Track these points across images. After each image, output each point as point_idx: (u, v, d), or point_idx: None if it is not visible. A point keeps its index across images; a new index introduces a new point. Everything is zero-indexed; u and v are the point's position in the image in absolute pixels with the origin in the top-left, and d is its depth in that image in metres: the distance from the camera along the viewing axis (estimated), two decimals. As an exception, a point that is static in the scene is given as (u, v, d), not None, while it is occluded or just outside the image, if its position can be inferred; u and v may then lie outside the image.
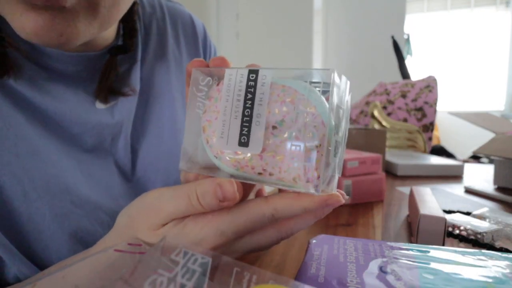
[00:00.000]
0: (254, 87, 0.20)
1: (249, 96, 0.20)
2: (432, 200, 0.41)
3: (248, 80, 0.20)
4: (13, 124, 0.28)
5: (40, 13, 0.24)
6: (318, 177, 0.19)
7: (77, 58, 0.32)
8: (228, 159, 0.21)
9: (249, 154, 0.20)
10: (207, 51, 0.52)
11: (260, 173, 0.21)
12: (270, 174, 0.21)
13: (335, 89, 0.19)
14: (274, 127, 0.20)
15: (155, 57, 0.43)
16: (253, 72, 0.21)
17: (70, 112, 0.32)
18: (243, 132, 0.20)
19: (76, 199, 0.31)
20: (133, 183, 0.38)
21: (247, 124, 0.20)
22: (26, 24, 0.24)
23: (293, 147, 0.19)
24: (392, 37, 2.10)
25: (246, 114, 0.20)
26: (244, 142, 0.20)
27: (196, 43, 0.50)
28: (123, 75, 0.38)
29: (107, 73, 0.35)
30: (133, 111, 0.39)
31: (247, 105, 0.20)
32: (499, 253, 0.22)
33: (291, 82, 0.21)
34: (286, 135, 0.19)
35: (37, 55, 0.31)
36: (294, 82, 0.21)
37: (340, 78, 0.20)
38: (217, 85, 0.23)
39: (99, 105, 0.35)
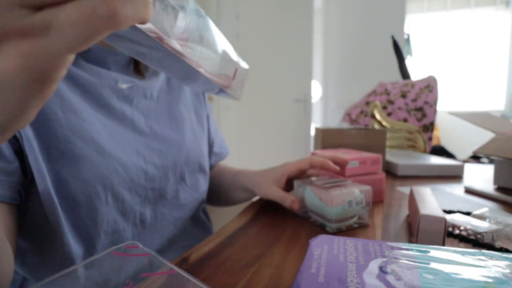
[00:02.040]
0: None
1: None
2: (432, 200, 0.41)
3: None
4: (59, 89, 0.38)
5: None
6: None
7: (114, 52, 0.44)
8: None
9: None
10: None
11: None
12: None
13: None
14: None
15: None
16: None
17: (99, 84, 0.42)
18: None
19: (99, 148, 0.40)
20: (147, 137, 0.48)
21: None
22: None
23: None
24: (392, 37, 2.10)
25: None
26: None
27: None
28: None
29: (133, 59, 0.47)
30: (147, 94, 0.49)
31: None
32: (499, 253, 0.22)
33: None
34: None
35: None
36: None
37: None
38: None
39: (120, 85, 0.45)
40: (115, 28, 0.13)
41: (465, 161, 1.18)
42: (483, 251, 0.22)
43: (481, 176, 0.76)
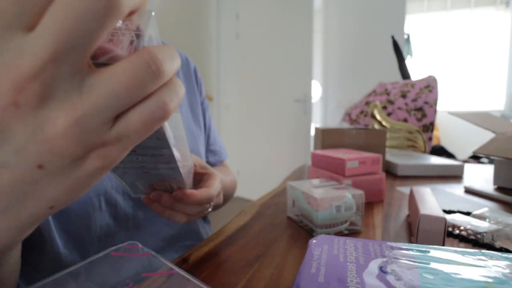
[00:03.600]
0: None
1: None
2: (432, 200, 0.41)
3: None
4: None
5: None
6: None
7: None
8: None
9: None
10: (199, 86, 0.66)
11: None
12: None
13: None
14: None
15: None
16: None
17: None
18: None
19: None
20: None
21: None
22: None
23: None
24: (392, 37, 2.10)
25: None
26: None
27: (191, 78, 0.63)
28: None
29: None
30: None
31: None
32: (499, 253, 0.22)
33: None
34: None
35: None
36: None
37: None
38: None
39: None
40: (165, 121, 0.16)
41: (465, 161, 1.18)
42: (483, 251, 0.22)
43: (481, 176, 0.76)
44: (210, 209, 0.40)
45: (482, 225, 0.39)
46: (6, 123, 0.13)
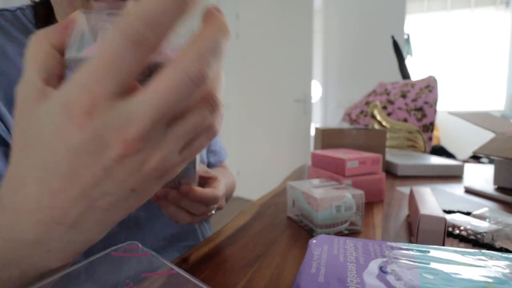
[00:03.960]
0: None
1: None
2: (432, 200, 0.41)
3: None
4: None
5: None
6: None
7: None
8: None
9: None
10: None
11: None
12: None
13: None
14: None
15: None
16: None
17: None
18: None
19: None
20: None
21: None
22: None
23: None
24: (392, 37, 2.10)
25: None
26: None
27: None
28: None
29: None
30: None
31: None
32: (499, 253, 0.22)
33: None
34: None
35: None
36: None
37: None
38: None
39: None
40: None
41: (465, 161, 1.18)
42: (483, 251, 0.22)
43: (481, 176, 0.76)
44: (213, 211, 0.40)
45: (482, 225, 0.39)
46: (112, 167, 0.16)
